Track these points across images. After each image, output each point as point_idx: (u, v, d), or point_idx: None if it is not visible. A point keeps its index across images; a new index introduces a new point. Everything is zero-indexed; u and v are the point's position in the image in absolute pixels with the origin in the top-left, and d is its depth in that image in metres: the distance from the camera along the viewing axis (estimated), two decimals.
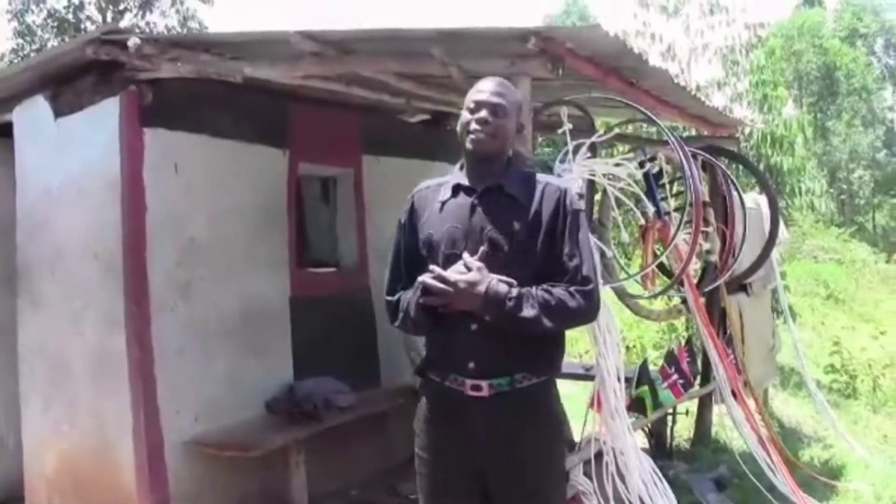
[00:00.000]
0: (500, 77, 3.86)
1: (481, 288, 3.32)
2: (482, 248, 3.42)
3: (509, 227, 3.51)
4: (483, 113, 3.56)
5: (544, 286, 3.42)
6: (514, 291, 3.36)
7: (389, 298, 3.76)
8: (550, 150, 4.67)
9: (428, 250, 3.61)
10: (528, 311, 3.35)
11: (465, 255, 3.39)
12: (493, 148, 3.58)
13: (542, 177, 3.72)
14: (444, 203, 3.64)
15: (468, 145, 3.62)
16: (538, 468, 3.59)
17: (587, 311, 3.54)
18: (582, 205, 3.89)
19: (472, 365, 3.48)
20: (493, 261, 3.42)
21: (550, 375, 3.67)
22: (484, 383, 3.47)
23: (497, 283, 3.35)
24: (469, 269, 3.35)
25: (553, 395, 3.72)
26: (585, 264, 3.51)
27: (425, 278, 3.41)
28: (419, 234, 3.68)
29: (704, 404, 8.49)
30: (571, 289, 3.45)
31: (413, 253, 3.70)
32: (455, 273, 3.35)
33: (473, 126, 3.57)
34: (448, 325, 3.48)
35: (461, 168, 3.74)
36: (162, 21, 31.26)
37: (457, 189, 3.64)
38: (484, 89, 3.66)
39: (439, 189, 3.73)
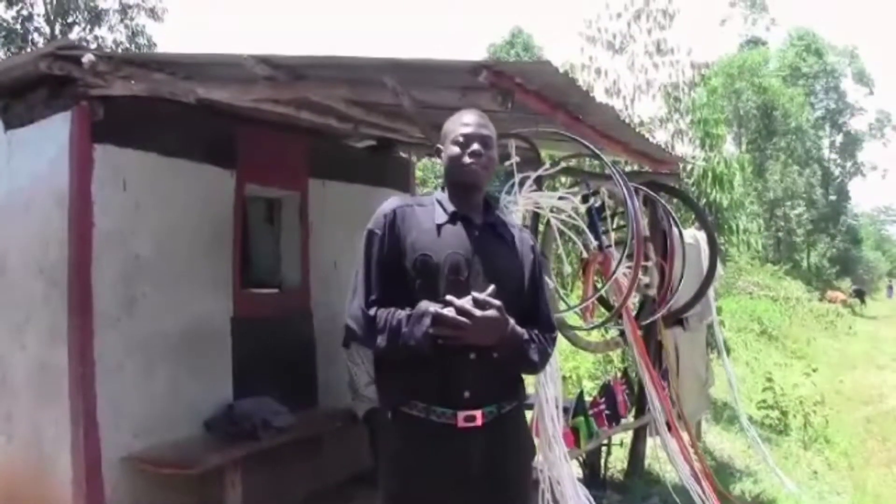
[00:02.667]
0: (455, 109, 3.90)
1: (508, 328, 3.35)
2: (492, 287, 3.36)
3: (506, 266, 3.57)
4: (476, 146, 3.58)
5: (534, 331, 3.53)
6: (527, 333, 3.44)
7: (365, 314, 3.49)
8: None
9: (423, 271, 3.47)
10: (534, 355, 3.47)
11: (475, 294, 3.32)
12: (484, 180, 3.64)
13: (512, 221, 3.83)
14: (440, 227, 3.55)
15: (463, 178, 3.63)
16: (520, 492, 3.66)
17: (550, 357, 3.69)
18: None
19: (467, 394, 3.43)
20: (501, 297, 3.38)
21: (521, 401, 3.71)
22: (477, 413, 3.44)
23: (514, 323, 3.39)
24: (484, 306, 3.29)
25: (524, 420, 3.80)
26: (551, 312, 3.65)
27: (437, 309, 3.31)
28: (405, 251, 3.52)
29: (638, 436, 8.57)
30: (546, 335, 3.58)
31: (390, 267, 3.52)
32: (474, 308, 3.29)
33: (467, 160, 3.58)
34: (447, 355, 3.37)
35: (447, 196, 3.68)
36: (110, 35, 31.16)
37: (454, 216, 3.59)
38: (470, 122, 3.66)
39: (426, 210, 3.63)
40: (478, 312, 3.27)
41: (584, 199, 6.61)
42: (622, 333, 7.53)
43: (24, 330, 6.34)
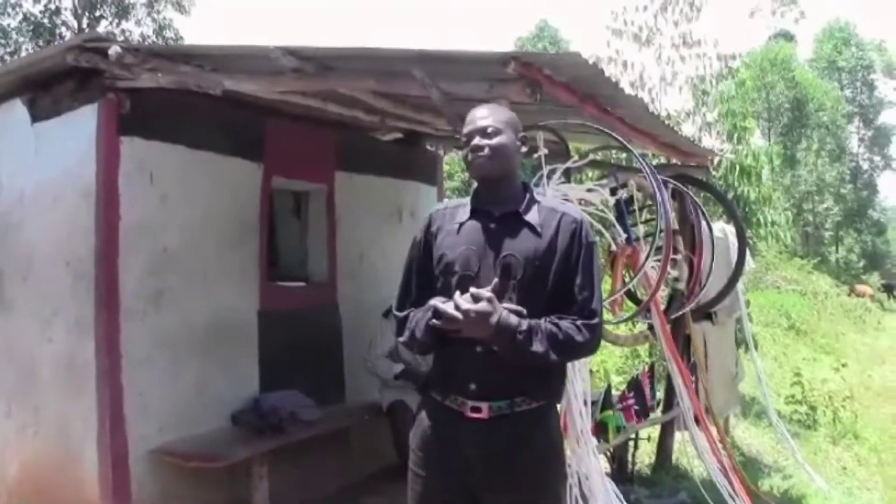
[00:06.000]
0: (482, 101, 3.90)
1: (493, 320, 3.31)
2: (495, 280, 3.39)
3: (523, 253, 3.52)
4: (477, 139, 3.59)
5: (552, 319, 3.43)
6: (525, 324, 3.36)
7: (398, 314, 3.73)
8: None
9: (442, 270, 3.60)
10: (538, 346, 3.36)
11: (472, 289, 3.35)
12: (495, 169, 3.61)
13: (558, 205, 3.75)
14: (461, 225, 3.64)
15: (471, 174, 3.71)
16: (533, 492, 3.59)
17: (591, 346, 3.56)
18: (595, 238, 3.90)
19: (473, 386, 3.50)
20: (505, 287, 3.43)
21: (550, 400, 3.69)
22: (484, 405, 3.48)
23: (508, 315, 3.34)
24: (478, 300, 3.32)
25: (552, 420, 3.73)
26: (594, 298, 3.54)
27: (437, 303, 3.42)
28: (433, 253, 3.67)
29: (666, 430, 8.53)
30: (578, 322, 3.46)
31: (425, 271, 3.70)
32: (466, 302, 3.33)
33: (471, 155, 3.61)
34: (453, 346, 3.48)
35: (475, 192, 3.76)
36: (137, 29, 31.27)
37: (474, 212, 3.65)
38: (471, 119, 3.68)
39: (457, 211, 3.72)
40: (465, 305, 3.30)
41: (613, 192, 6.56)
42: (650, 327, 7.48)
43: (51, 323, 6.35)
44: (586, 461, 5.49)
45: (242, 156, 7.15)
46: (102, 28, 29.80)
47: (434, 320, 3.42)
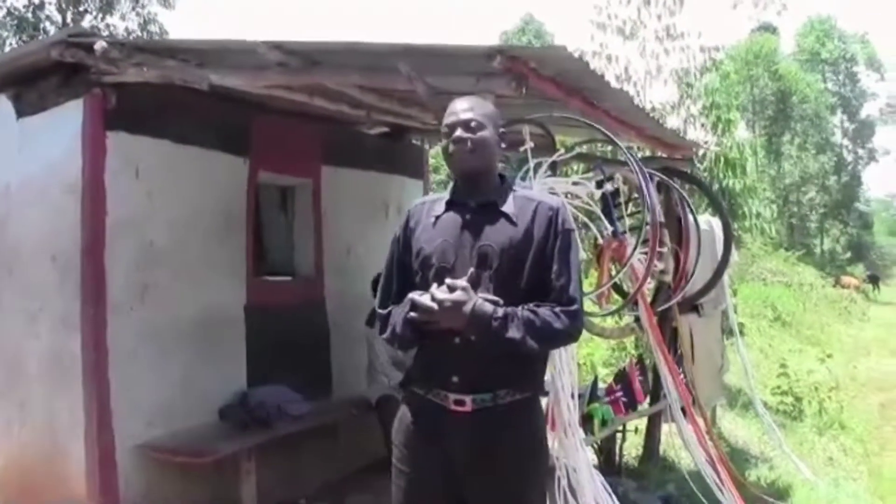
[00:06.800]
0: (468, 95, 3.89)
1: (467, 308, 3.33)
2: (471, 270, 3.43)
3: (499, 242, 3.53)
4: (458, 132, 3.59)
5: (530, 306, 3.44)
6: (500, 311, 3.37)
7: (381, 311, 3.73)
8: (503, 165, 4.67)
9: (420, 264, 3.62)
10: (514, 332, 3.36)
11: (448, 280, 3.38)
12: (476, 162, 3.61)
13: (535, 195, 3.77)
14: (437, 218, 3.65)
15: (452, 167, 3.71)
16: (517, 485, 3.59)
17: (571, 332, 3.57)
18: (573, 225, 3.91)
19: (455, 379, 3.49)
20: (480, 277, 3.45)
21: (534, 392, 3.70)
22: (467, 398, 3.48)
23: (482, 303, 3.36)
24: (453, 289, 3.34)
25: (536, 412, 3.74)
26: (572, 284, 3.54)
27: (414, 295, 3.44)
28: (412, 248, 3.68)
29: (653, 422, 8.55)
30: (557, 309, 3.46)
31: (405, 267, 3.71)
32: (441, 292, 3.35)
33: (452, 147, 3.61)
34: (433, 340, 3.49)
35: (454, 186, 3.76)
36: (122, 24, 31.15)
37: (450, 205, 3.66)
38: (453, 111, 3.68)
39: (435, 205, 3.73)
40: (440, 296, 3.33)
41: (599, 185, 6.56)
42: (637, 320, 7.49)
43: (37, 318, 6.34)
44: (574, 453, 5.50)
45: (228, 150, 7.14)
46: (87, 23, 29.68)
47: (411, 313, 3.44)
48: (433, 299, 3.34)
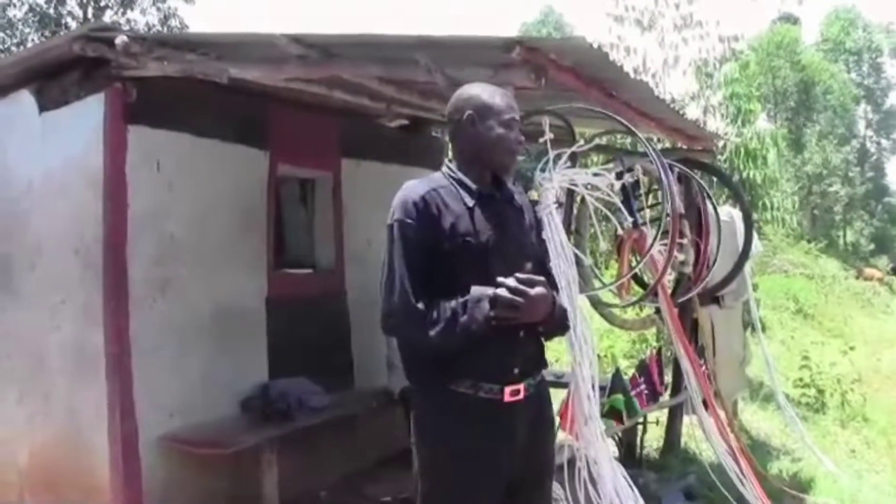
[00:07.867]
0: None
1: (554, 301, 3.42)
2: (528, 264, 3.48)
3: (529, 236, 3.66)
4: (516, 132, 3.61)
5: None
6: (557, 298, 3.51)
7: (411, 307, 3.38)
8: (523, 158, 4.65)
9: (464, 256, 3.43)
10: (568, 321, 3.53)
11: (519, 275, 3.32)
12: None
13: (520, 189, 3.84)
14: (471, 208, 3.50)
15: (505, 160, 3.64)
16: (552, 452, 3.77)
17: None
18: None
19: (516, 370, 3.50)
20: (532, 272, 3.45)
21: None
22: (521, 386, 3.49)
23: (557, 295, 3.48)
24: (533, 283, 3.32)
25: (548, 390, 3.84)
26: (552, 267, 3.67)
27: (489, 291, 3.30)
28: (443, 238, 3.43)
29: (675, 414, 8.54)
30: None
31: (429, 255, 3.43)
32: (524, 286, 3.30)
33: (516, 146, 3.63)
34: (500, 335, 3.36)
35: (459, 172, 3.66)
36: (142, 18, 31.26)
37: (480, 195, 3.55)
38: (508, 105, 3.63)
39: (449, 191, 3.56)
40: (531, 291, 3.29)
41: (619, 176, 6.55)
42: (658, 311, 7.48)
43: (60, 311, 6.38)
44: (595, 445, 5.50)
45: (248, 143, 7.17)
46: (107, 18, 29.82)
47: (494, 310, 3.29)
48: (519, 293, 3.28)
